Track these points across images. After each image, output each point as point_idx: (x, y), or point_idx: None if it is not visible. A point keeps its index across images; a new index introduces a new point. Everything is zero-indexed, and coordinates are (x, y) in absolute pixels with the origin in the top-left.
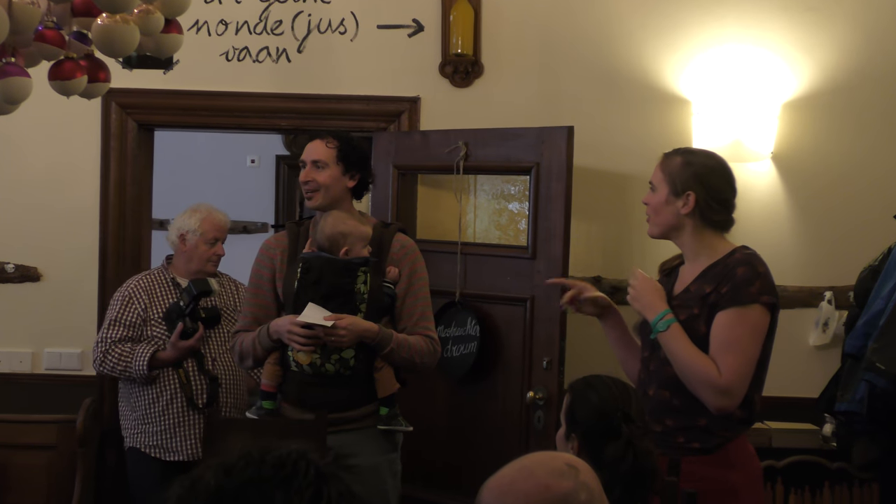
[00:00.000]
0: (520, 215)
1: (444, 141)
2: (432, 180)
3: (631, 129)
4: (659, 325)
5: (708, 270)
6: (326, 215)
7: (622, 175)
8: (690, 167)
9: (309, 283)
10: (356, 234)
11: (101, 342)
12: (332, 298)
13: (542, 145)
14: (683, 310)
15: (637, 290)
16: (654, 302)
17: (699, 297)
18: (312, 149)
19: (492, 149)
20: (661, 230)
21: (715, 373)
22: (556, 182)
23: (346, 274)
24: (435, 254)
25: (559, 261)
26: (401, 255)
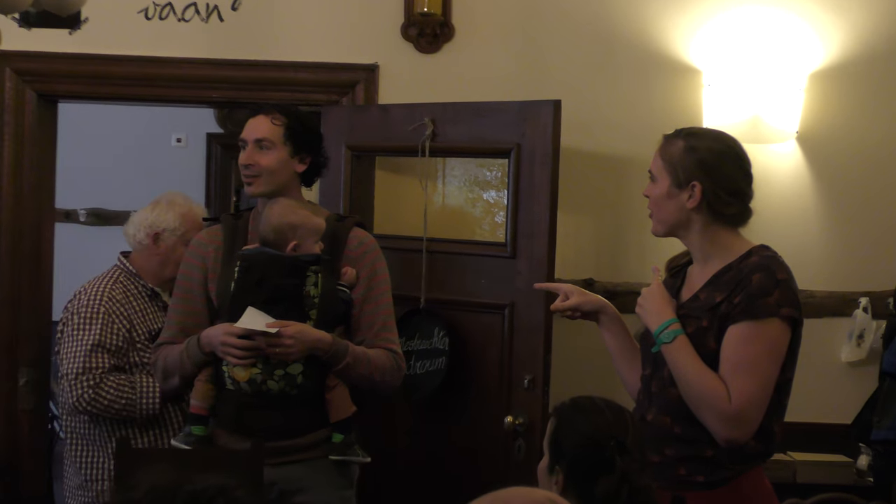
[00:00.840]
0: (497, 206)
1: (406, 117)
2: (393, 164)
3: (630, 104)
4: (663, 336)
5: (720, 275)
6: (273, 203)
7: (619, 159)
8: (694, 153)
9: (249, 284)
10: (307, 227)
11: (84, 374)
12: (277, 303)
13: (524, 123)
14: (691, 321)
15: (645, 293)
16: (660, 308)
17: (709, 307)
18: (255, 125)
19: (464, 127)
20: (666, 228)
21: (724, 397)
22: (541, 167)
23: (294, 274)
24: (396, 252)
25: (543, 260)
26: (359, 253)
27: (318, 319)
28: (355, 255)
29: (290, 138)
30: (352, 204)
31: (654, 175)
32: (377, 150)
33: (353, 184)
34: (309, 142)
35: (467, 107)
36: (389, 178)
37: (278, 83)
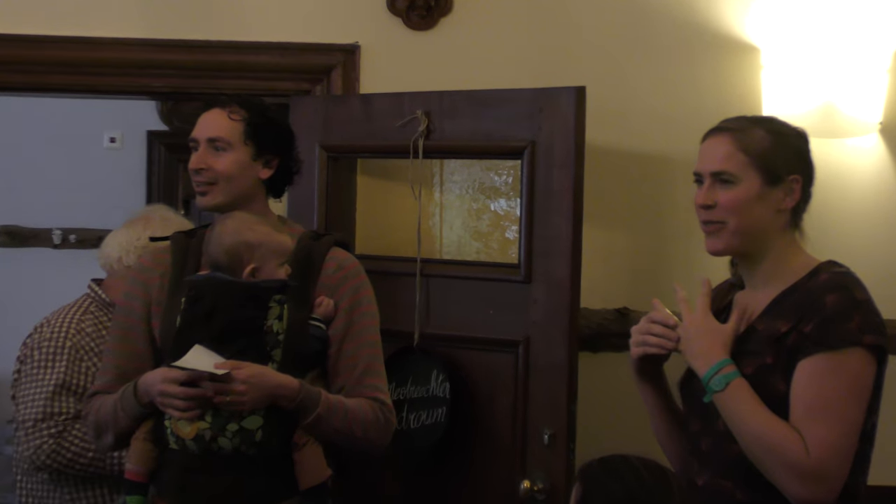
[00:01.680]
0: (508, 218)
1: (395, 109)
2: (378, 168)
3: (671, 90)
4: (714, 383)
5: (783, 299)
6: (225, 218)
7: (658, 158)
8: (786, 138)
9: (197, 317)
10: (269, 246)
11: (45, 420)
12: (231, 340)
13: (541, 115)
14: (749, 359)
15: (687, 328)
16: (709, 347)
17: (772, 340)
18: (209, 122)
19: (465, 120)
20: (741, 243)
21: (799, 449)
22: (562, 170)
23: (252, 304)
24: (383, 276)
25: (566, 285)
26: (337, 279)
27: (283, 361)
28: (333, 281)
29: (251, 137)
30: (328, 218)
31: (735, 174)
32: (358, 150)
33: (329, 193)
34: (276, 141)
35: (470, 96)
36: (374, 185)
37: (236, 68)
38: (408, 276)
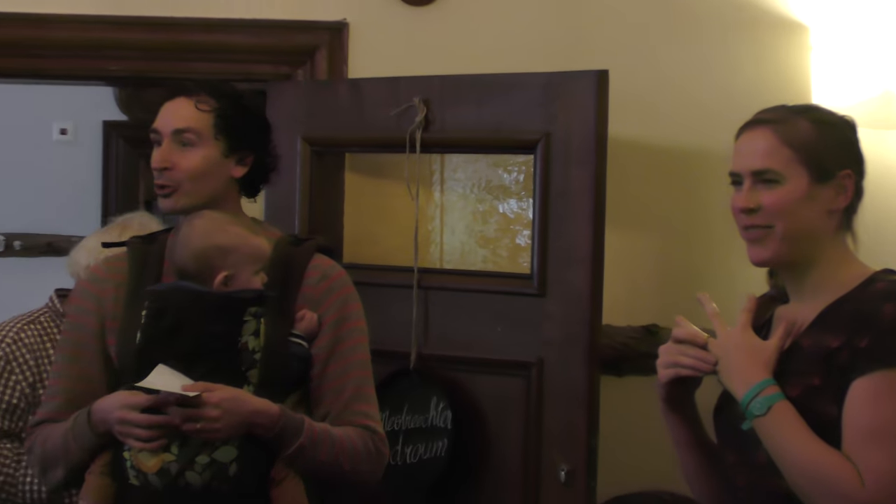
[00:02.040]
0: (518, 222)
1: (388, 96)
2: (370, 163)
3: (705, 75)
4: (754, 406)
5: (832, 311)
6: (193, 218)
7: (691, 153)
8: (834, 129)
9: (160, 333)
10: (244, 251)
11: None
12: (200, 359)
13: (556, 103)
14: (794, 379)
15: (724, 345)
16: (749, 366)
17: (821, 357)
18: (174, 112)
19: (469, 109)
20: (791, 250)
21: (853, 480)
22: (581, 166)
23: (226, 317)
24: (375, 289)
25: (586, 298)
26: (321, 290)
27: (260, 383)
28: (317, 292)
29: (223, 130)
30: (311, 222)
31: (780, 172)
32: (346, 143)
33: (312, 193)
34: (251, 135)
35: (475, 81)
36: (365, 183)
37: (206, 50)
38: (403, 289)
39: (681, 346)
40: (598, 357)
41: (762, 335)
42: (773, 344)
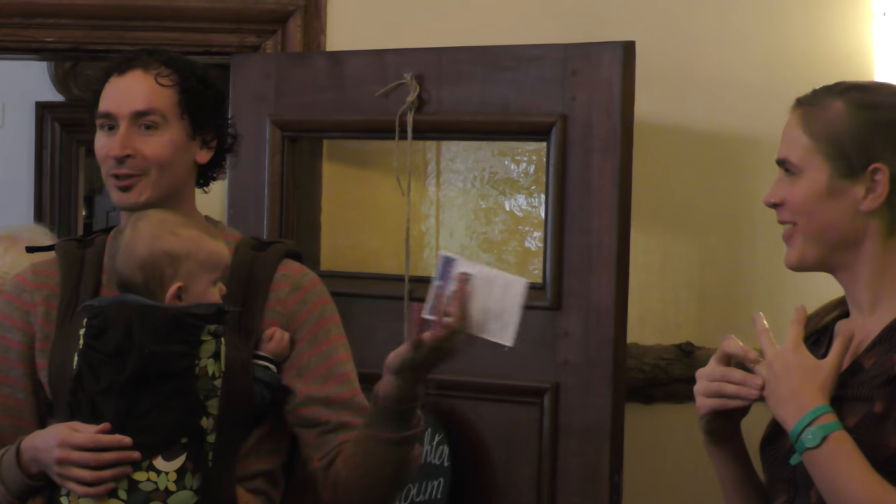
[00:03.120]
0: (529, 221)
1: (374, 72)
2: (352, 151)
3: (751, 47)
4: (806, 437)
5: None
6: (137, 220)
7: (734, 139)
8: (871, 113)
9: (102, 355)
10: (199, 258)
11: None
12: (149, 387)
13: (574, 80)
14: (853, 406)
15: (773, 365)
16: (801, 390)
17: (884, 380)
18: (131, 89)
19: (472, 87)
20: (821, 251)
21: None
22: (603, 155)
23: (180, 336)
24: (360, 301)
25: (609, 312)
26: (293, 303)
27: (221, 415)
28: (287, 306)
29: (188, 108)
30: (283, 220)
31: (796, 164)
32: (325, 128)
33: (284, 186)
34: (215, 112)
35: (478, 54)
36: (347, 175)
37: (157, 16)
38: (392, 301)
39: (725, 370)
40: (623, 382)
41: (822, 350)
42: (830, 363)
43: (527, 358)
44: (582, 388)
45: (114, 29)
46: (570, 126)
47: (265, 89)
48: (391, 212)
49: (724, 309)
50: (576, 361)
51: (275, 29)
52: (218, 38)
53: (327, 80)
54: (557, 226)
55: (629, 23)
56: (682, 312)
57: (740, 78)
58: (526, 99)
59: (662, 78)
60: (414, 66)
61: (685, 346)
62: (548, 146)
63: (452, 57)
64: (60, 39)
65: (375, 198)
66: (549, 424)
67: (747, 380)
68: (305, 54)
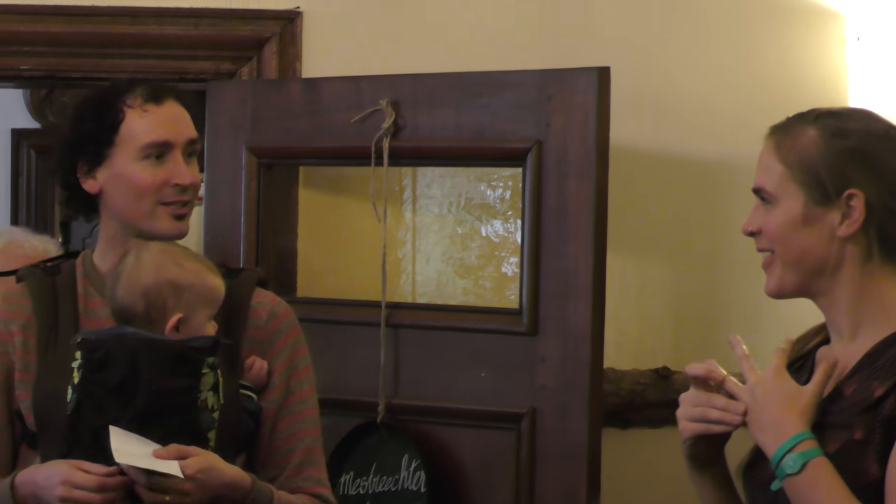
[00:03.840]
0: (505, 247)
1: (350, 98)
2: (328, 178)
3: (725, 72)
4: (786, 463)
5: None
6: (142, 249)
7: (709, 165)
8: (844, 140)
9: (103, 389)
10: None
11: None
12: (155, 421)
13: (550, 105)
14: (833, 433)
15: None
16: (782, 416)
17: (863, 407)
18: (177, 118)
19: (446, 113)
20: (800, 279)
21: None
22: (579, 180)
23: (185, 370)
24: (335, 328)
25: (585, 337)
26: (270, 332)
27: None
28: (265, 334)
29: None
30: (259, 247)
31: (772, 192)
32: (300, 154)
33: (260, 212)
34: None
35: (453, 80)
36: (322, 201)
37: (133, 44)
38: (369, 327)
39: (708, 395)
40: (600, 406)
41: (804, 376)
42: (812, 390)
43: (504, 383)
44: (559, 412)
45: (89, 56)
46: (546, 151)
47: (241, 116)
48: (367, 238)
49: (700, 334)
50: (553, 386)
51: (250, 56)
52: (193, 65)
53: (303, 106)
54: (534, 251)
55: (604, 48)
56: (658, 337)
57: (715, 103)
58: (501, 125)
59: (638, 103)
60: (390, 93)
61: (662, 370)
62: (523, 172)
63: (428, 83)
64: (36, 67)
65: (352, 224)
66: (526, 449)
67: (730, 405)
68: (281, 81)
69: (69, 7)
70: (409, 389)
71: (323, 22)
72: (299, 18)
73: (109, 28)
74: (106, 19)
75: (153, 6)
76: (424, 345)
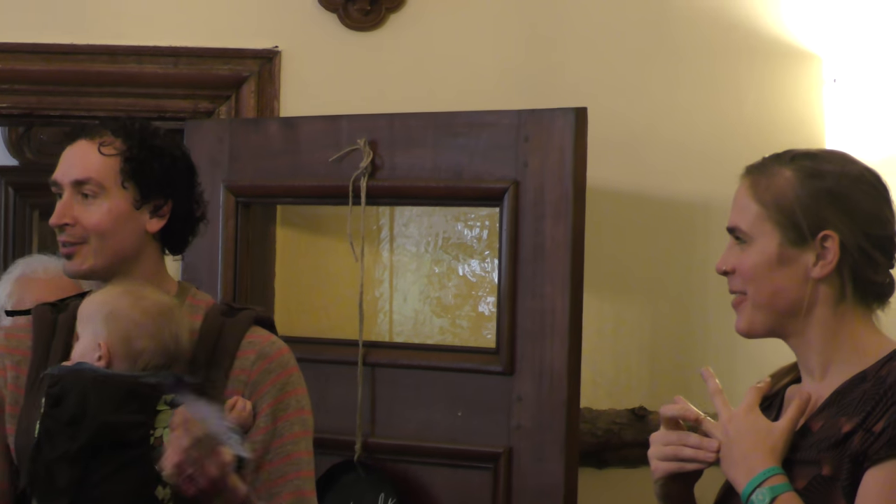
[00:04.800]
0: (482, 286)
1: (328, 137)
2: (306, 217)
3: (701, 114)
4: (756, 499)
5: (847, 391)
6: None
7: (685, 205)
8: (820, 182)
9: (59, 424)
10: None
11: None
12: (103, 455)
13: (527, 146)
14: (802, 468)
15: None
16: (752, 452)
17: (832, 443)
18: (73, 158)
19: (424, 153)
20: (768, 320)
21: None
22: (555, 220)
23: (136, 405)
24: (313, 366)
25: (562, 376)
26: (258, 373)
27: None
28: (252, 375)
29: (132, 176)
30: (236, 286)
31: (746, 232)
32: (278, 193)
33: (238, 251)
34: (166, 179)
35: (430, 120)
36: (300, 240)
37: (112, 82)
38: (346, 366)
39: (680, 434)
40: (576, 446)
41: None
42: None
43: (480, 422)
44: (535, 452)
45: (67, 95)
46: (523, 192)
47: (219, 154)
48: (345, 277)
49: (676, 373)
50: (529, 426)
51: (229, 94)
52: (172, 104)
53: (281, 145)
54: (510, 290)
55: (581, 89)
56: (634, 377)
57: (692, 144)
58: (479, 164)
59: (614, 144)
60: (367, 132)
61: (638, 410)
62: (500, 211)
63: (405, 122)
64: (14, 105)
65: (329, 263)
66: (502, 489)
67: (703, 443)
68: (259, 120)
69: (47, 45)
70: (386, 428)
71: (301, 61)
72: (277, 58)
73: (88, 66)
74: (84, 57)
75: (132, 45)
76: (401, 383)
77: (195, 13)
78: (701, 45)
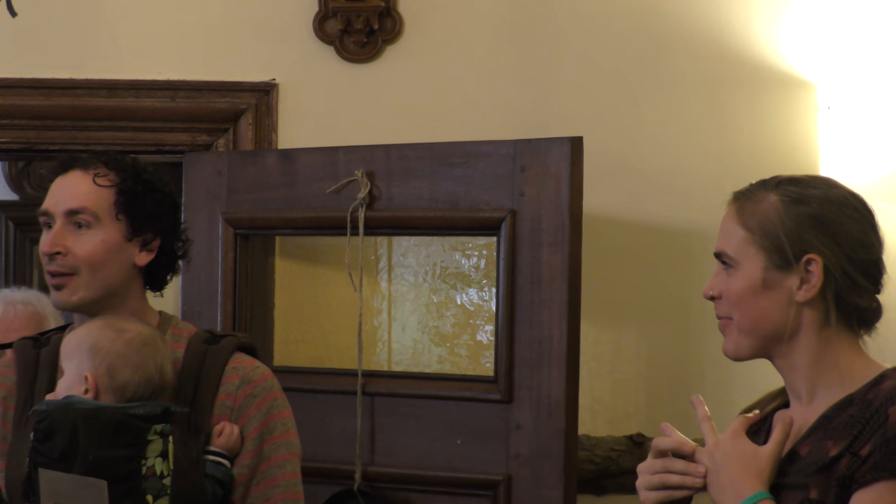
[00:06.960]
0: (480, 315)
1: (326, 169)
2: (305, 248)
3: (696, 141)
4: None
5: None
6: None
7: (681, 233)
8: (804, 206)
9: (49, 460)
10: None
11: None
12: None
13: (523, 175)
14: (789, 493)
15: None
16: (739, 477)
17: (819, 467)
18: (67, 188)
19: (421, 183)
20: (759, 342)
21: None
22: (552, 249)
23: (126, 438)
24: (312, 396)
25: (559, 405)
26: (242, 398)
27: None
28: (236, 401)
29: (125, 209)
30: (236, 316)
31: (733, 256)
32: (277, 225)
33: (237, 283)
34: (157, 214)
35: (427, 150)
36: (299, 271)
37: (111, 116)
38: (345, 395)
39: (665, 461)
40: (575, 473)
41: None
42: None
43: (479, 450)
44: (534, 480)
45: (66, 129)
46: (520, 221)
47: (217, 187)
48: (344, 307)
49: (674, 400)
50: (527, 454)
51: (227, 127)
52: (170, 137)
53: (279, 177)
54: (508, 319)
55: (577, 118)
56: (632, 404)
57: (688, 171)
58: (475, 194)
59: (611, 172)
60: (364, 163)
61: (636, 437)
62: (498, 241)
63: (402, 153)
64: (13, 140)
65: (328, 293)
66: None
67: (690, 468)
68: (257, 152)
69: (46, 80)
70: (386, 457)
71: (298, 94)
72: (275, 90)
73: (86, 101)
74: (83, 92)
75: (130, 79)
76: (400, 412)
77: (192, 47)
78: (696, 74)
